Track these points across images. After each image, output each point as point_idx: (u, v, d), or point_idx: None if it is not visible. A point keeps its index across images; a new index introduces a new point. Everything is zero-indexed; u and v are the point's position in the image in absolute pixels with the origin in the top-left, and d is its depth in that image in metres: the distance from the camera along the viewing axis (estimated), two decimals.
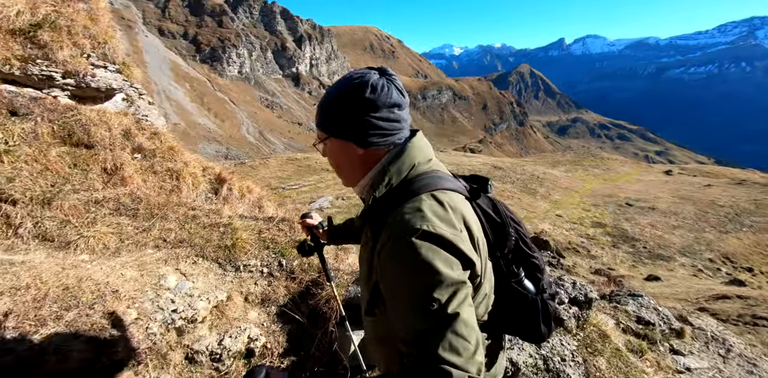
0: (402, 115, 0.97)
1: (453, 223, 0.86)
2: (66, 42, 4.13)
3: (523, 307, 1.02)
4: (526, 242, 1.08)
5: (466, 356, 0.75)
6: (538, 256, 1.11)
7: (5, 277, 1.75)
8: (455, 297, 0.78)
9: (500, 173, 28.87)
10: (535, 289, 1.06)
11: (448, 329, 0.76)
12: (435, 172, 0.97)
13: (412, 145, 0.98)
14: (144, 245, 2.69)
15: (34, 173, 3.22)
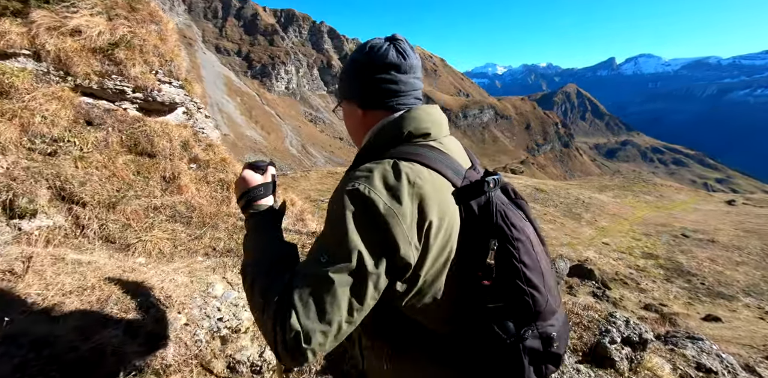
0: (401, 78, 0.93)
1: (399, 196, 0.76)
2: (138, 59, 4.50)
3: (494, 344, 0.82)
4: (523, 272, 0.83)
5: (327, 319, 0.71)
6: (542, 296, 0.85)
7: (74, 276, 1.88)
8: (344, 266, 0.72)
9: (543, 196, 27.93)
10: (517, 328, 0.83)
11: (314, 288, 0.72)
12: (425, 147, 0.89)
13: (409, 114, 0.92)
14: (195, 252, 2.82)
15: (103, 179, 3.49)
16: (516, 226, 0.85)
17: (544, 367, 0.87)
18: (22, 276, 1.76)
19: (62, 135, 3.49)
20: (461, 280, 0.85)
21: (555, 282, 0.93)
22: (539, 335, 0.85)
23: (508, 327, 0.82)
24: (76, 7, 3.92)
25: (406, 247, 0.75)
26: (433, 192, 0.80)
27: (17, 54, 3.60)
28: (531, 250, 0.86)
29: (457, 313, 0.86)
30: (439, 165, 0.86)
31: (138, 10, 4.69)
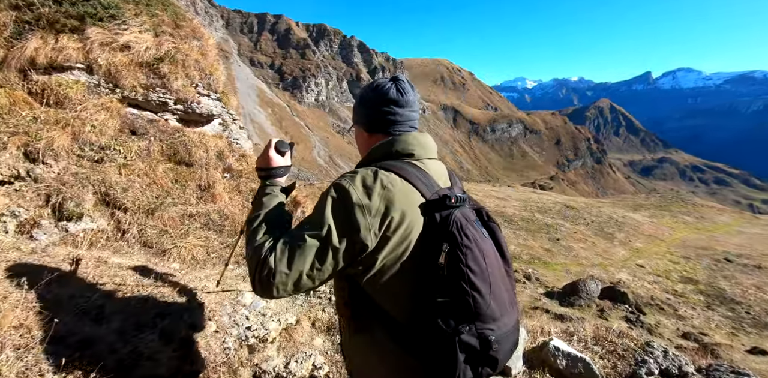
0: (398, 111, 1.18)
1: (370, 194, 1.00)
2: (180, 73, 4.72)
3: (438, 331, 0.97)
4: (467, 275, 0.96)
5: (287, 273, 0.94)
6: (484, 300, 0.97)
7: (115, 279, 1.97)
8: (329, 234, 0.96)
9: (573, 213, 27.08)
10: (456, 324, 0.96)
11: (295, 242, 0.96)
12: (407, 163, 1.12)
13: (400, 138, 1.16)
14: (227, 260, 2.89)
15: (144, 186, 3.66)
16: (468, 236, 0.99)
17: (480, 369, 0.99)
18: (70, 277, 1.85)
19: (109, 143, 3.70)
20: (417, 273, 1.01)
21: (508, 297, 1.07)
22: (477, 335, 0.97)
23: (449, 321, 0.96)
24: (127, 24, 4.18)
25: (365, 232, 0.97)
26: (400, 196, 1.02)
27: (72, 67, 3.87)
28: (480, 259, 1.00)
29: (413, 303, 1.02)
30: (413, 178, 1.07)
31: (182, 27, 4.96)
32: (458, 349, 0.95)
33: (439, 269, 0.98)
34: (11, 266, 1.81)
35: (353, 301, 1.10)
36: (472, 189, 33.97)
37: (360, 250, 0.99)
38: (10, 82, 3.44)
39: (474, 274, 0.97)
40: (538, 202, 28.80)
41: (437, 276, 0.98)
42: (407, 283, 1.02)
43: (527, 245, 20.38)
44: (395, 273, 1.03)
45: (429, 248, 1.01)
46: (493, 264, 1.04)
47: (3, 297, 1.47)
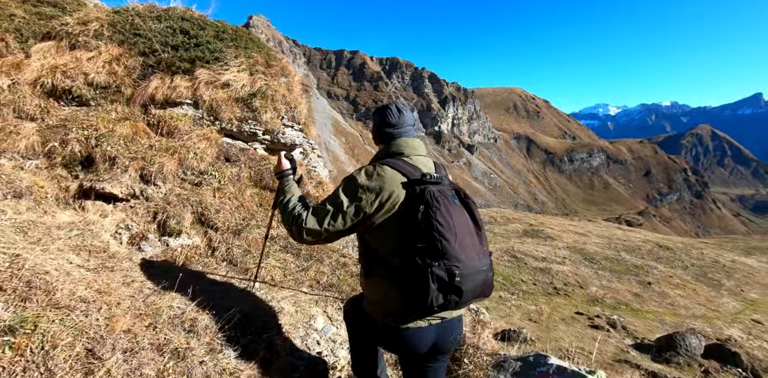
0: (392, 131, 1.74)
1: (370, 178, 1.55)
2: (269, 107, 5.17)
3: (415, 267, 1.41)
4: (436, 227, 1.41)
5: (316, 225, 1.53)
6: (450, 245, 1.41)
7: (206, 295, 2.12)
8: (341, 203, 1.52)
9: (667, 254, 24.01)
10: (430, 258, 1.40)
11: (327, 207, 1.55)
12: (398, 159, 1.65)
13: (394, 142, 1.71)
14: (301, 283, 2.99)
15: (233, 208, 4.00)
16: (438, 201, 1.46)
17: (450, 296, 1.40)
18: (169, 289, 2.04)
19: (207, 169, 4.13)
20: (403, 229, 1.49)
21: (473, 248, 1.50)
22: (445, 269, 1.39)
23: (425, 259, 1.40)
24: (228, 65, 4.75)
25: (365, 203, 1.51)
26: (389, 180, 1.53)
27: (183, 103, 4.46)
28: (448, 217, 1.44)
29: (401, 250, 1.48)
30: (400, 167, 1.59)
31: (273, 66, 5.49)
32: (430, 279, 1.38)
33: (418, 223, 1.44)
34: (125, 275, 2.04)
35: (365, 255, 1.64)
36: (547, 222, 31.86)
37: (362, 214, 1.52)
38: (134, 116, 4.06)
39: (441, 226, 1.41)
40: (625, 240, 26.08)
41: (416, 228, 1.44)
42: (397, 236, 1.51)
43: (612, 288, 18.35)
44: (388, 229, 1.53)
45: (410, 210, 1.48)
46: (461, 223, 1.49)
47: (117, 303, 1.65)
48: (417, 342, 1.57)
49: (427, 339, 1.58)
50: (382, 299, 1.58)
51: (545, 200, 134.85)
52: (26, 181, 2.78)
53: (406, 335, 1.55)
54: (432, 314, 1.52)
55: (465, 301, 1.45)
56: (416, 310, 1.47)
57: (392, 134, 1.73)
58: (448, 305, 1.42)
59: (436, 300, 1.38)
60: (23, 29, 4.20)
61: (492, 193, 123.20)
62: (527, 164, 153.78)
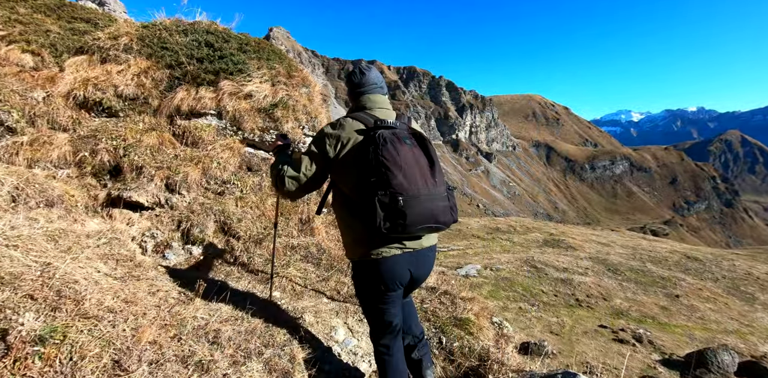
0: (361, 90, 1.99)
1: (335, 128, 1.84)
2: (291, 117, 5.22)
3: (368, 199, 1.67)
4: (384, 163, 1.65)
5: (293, 174, 1.85)
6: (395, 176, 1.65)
7: (229, 304, 2.11)
8: (312, 151, 1.86)
9: (696, 266, 22.99)
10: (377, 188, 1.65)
11: (302, 157, 1.85)
12: (364, 113, 1.90)
13: (360, 99, 1.98)
14: (321, 294, 2.97)
15: (254, 217, 4.03)
16: (387, 141, 1.69)
17: (397, 220, 1.63)
18: (192, 299, 2.04)
19: (230, 178, 4.19)
20: (360, 168, 1.72)
21: (422, 180, 1.72)
22: (389, 196, 1.63)
23: (376, 191, 1.64)
24: (251, 76, 4.84)
25: (329, 148, 1.81)
26: (349, 128, 1.81)
27: (207, 113, 4.55)
28: (395, 154, 1.67)
29: (360, 186, 1.72)
30: (361, 118, 1.85)
31: (294, 77, 5.57)
32: (378, 206, 1.62)
33: (369, 161, 1.68)
34: (151, 284, 2.06)
35: (335, 198, 1.96)
36: (568, 232, 31.10)
37: (328, 158, 1.83)
38: (160, 126, 4.16)
39: (387, 161, 1.65)
40: (650, 251, 25.16)
41: (368, 165, 1.68)
42: (356, 174, 1.75)
43: (637, 300, 17.64)
44: (350, 169, 1.79)
45: (364, 150, 1.73)
46: (408, 158, 1.71)
47: (143, 313, 1.65)
48: (394, 268, 1.79)
49: (403, 267, 1.81)
50: (351, 233, 1.86)
51: (566, 209, 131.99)
52: (58, 190, 2.87)
53: (386, 264, 1.78)
54: (392, 241, 1.77)
55: (416, 226, 1.67)
56: (374, 234, 1.70)
57: (359, 92, 2.00)
58: (397, 228, 1.65)
59: (384, 223, 1.63)
60: (58, 44, 4.39)
61: (511, 202, 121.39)
62: (547, 172, 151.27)
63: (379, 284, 1.81)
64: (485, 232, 26.29)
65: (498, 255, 21.38)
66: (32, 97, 3.97)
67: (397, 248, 1.78)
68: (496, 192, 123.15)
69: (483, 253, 19.60)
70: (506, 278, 17.17)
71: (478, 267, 17.88)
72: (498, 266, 17.60)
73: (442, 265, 17.91)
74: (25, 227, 2.09)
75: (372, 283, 1.83)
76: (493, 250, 22.84)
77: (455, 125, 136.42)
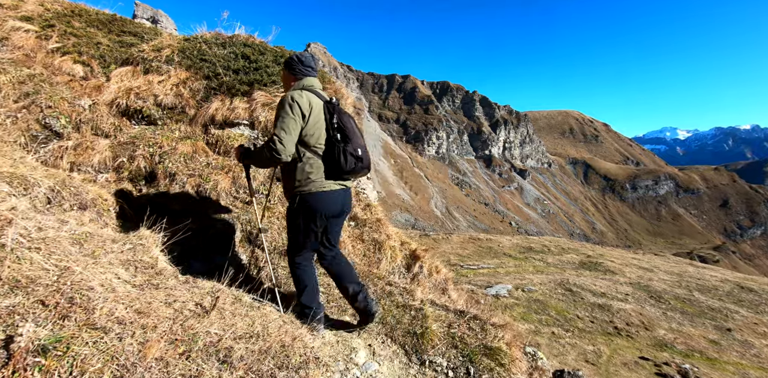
0: (301, 68, 2.62)
1: (297, 99, 2.38)
2: None
3: (336, 148, 2.43)
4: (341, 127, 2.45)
5: (285, 135, 2.34)
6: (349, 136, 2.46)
7: (245, 320, 2.01)
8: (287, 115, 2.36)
9: (751, 297, 21.09)
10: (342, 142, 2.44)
11: (282, 121, 2.36)
12: (312, 89, 2.54)
13: (304, 79, 2.60)
14: (344, 312, 2.83)
15: (280, 228, 3.97)
16: (341, 112, 2.50)
17: (357, 163, 2.45)
18: (208, 312, 1.95)
19: (258, 188, 4.18)
20: (326, 128, 2.46)
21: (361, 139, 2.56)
22: (352, 147, 2.44)
23: (340, 143, 2.43)
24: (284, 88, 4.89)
25: (296, 115, 2.37)
26: (309, 100, 2.43)
27: (240, 123, 4.61)
28: (347, 122, 2.48)
29: (325, 140, 2.46)
30: (315, 93, 2.51)
31: (326, 89, 5.60)
32: (345, 152, 2.40)
33: (332, 124, 2.43)
34: (168, 294, 1.99)
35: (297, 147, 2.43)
36: (606, 254, 29.54)
37: (302, 116, 2.37)
38: (195, 135, 4.24)
39: (345, 127, 2.43)
40: (698, 279, 23.37)
41: (333, 128, 2.42)
42: (322, 133, 2.44)
43: (683, 332, 16.29)
44: (317, 129, 2.43)
45: (329, 117, 2.44)
46: (352, 125, 2.51)
47: (154, 326, 1.57)
48: (335, 199, 2.51)
49: (339, 199, 2.54)
50: (309, 172, 2.45)
51: (604, 230, 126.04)
52: (92, 194, 2.92)
53: (329, 195, 2.47)
54: (342, 179, 2.51)
55: (363, 169, 2.50)
56: (334, 173, 2.46)
57: (302, 72, 2.62)
58: (353, 170, 2.45)
59: (348, 165, 2.41)
60: (107, 55, 4.62)
61: (545, 221, 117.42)
62: (584, 191, 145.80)
63: (321, 210, 2.47)
64: (517, 251, 25.39)
65: (530, 275, 20.50)
66: (79, 104, 4.16)
67: (338, 184, 2.52)
68: (529, 210, 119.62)
69: (515, 273, 18.88)
70: (539, 300, 16.38)
71: (509, 287, 17.18)
72: (530, 287, 16.87)
73: (471, 283, 17.35)
74: (52, 229, 2.09)
75: (315, 210, 2.46)
76: (525, 270, 21.96)
77: (488, 141, 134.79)
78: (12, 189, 2.42)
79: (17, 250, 1.68)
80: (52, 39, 4.59)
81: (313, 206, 2.43)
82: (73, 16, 4.95)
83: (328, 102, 2.49)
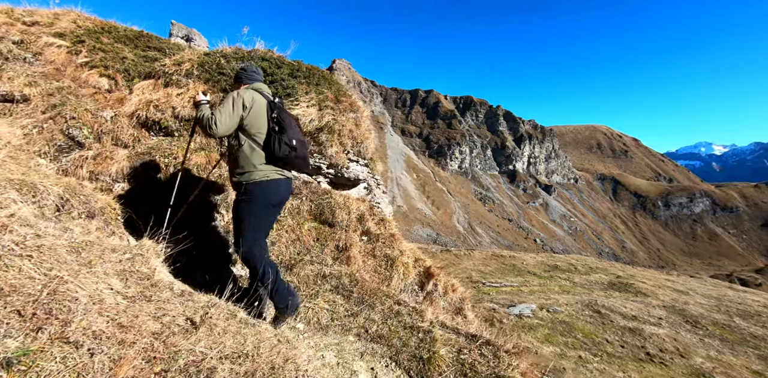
0: (247, 75, 3.15)
1: (243, 96, 2.83)
2: (335, 141, 5.17)
3: (272, 136, 2.78)
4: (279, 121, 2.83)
5: (220, 116, 2.73)
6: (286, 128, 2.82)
7: (236, 338, 1.91)
8: (228, 103, 2.78)
9: None
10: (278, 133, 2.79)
11: (222, 106, 2.78)
12: (258, 90, 3.00)
13: (252, 85, 3.08)
14: (348, 331, 2.69)
15: (289, 241, 3.89)
16: (280, 109, 2.92)
17: (290, 151, 2.81)
18: (197, 328, 1.86)
19: None
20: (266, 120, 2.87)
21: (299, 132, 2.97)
22: (287, 137, 2.82)
23: (278, 133, 2.81)
24: (298, 100, 4.91)
25: (238, 108, 2.79)
26: (252, 97, 2.87)
27: None
28: (285, 117, 2.89)
29: (266, 131, 2.86)
30: (261, 93, 2.97)
31: (342, 102, 5.58)
32: (280, 141, 2.75)
33: (272, 118, 2.81)
34: (159, 307, 1.92)
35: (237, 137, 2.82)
36: (638, 275, 28.08)
37: (242, 109, 2.75)
38: (209, 146, 4.27)
39: (282, 120, 2.82)
40: (739, 303, 21.78)
41: (273, 121, 2.81)
42: (262, 125, 2.81)
43: (723, 361, 15.06)
44: (259, 121, 2.80)
45: (270, 113, 2.83)
46: (291, 120, 2.92)
47: (133, 342, 1.49)
48: (278, 187, 2.80)
49: (282, 188, 2.84)
50: (250, 158, 2.77)
51: (635, 249, 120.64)
52: (101, 202, 2.93)
53: (273, 184, 2.77)
54: (279, 167, 2.82)
55: (297, 161, 2.82)
56: (271, 159, 2.77)
57: (248, 80, 3.12)
58: (287, 157, 2.76)
59: (281, 151, 2.72)
60: (131, 69, 4.77)
61: (572, 238, 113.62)
62: (613, 208, 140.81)
63: (269, 198, 2.77)
64: (542, 269, 24.52)
65: (556, 295, 19.65)
66: (102, 115, 4.27)
67: (280, 174, 2.83)
68: (555, 227, 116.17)
69: (539, 292, 18.10)
70: (565, 322, 15.59)
71: (534, 307, 16.48)
72: (556, 308, 16.11)
73: (493, 301, 16.76)
74: (52, 237, 2.07)
75: (261, 198, 2.73)
76: (550, 289, 21.11)
77: (512, 155, 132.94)
78: (20, 196, 2.43)
79: (5, 257, 1.64)
80: (82, 54, 4.78)
81: (259, 195, 2.72)
82: (102, 32, 5.17)
83: (271, 101, 2.91)
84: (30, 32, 4.87)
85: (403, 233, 28.04)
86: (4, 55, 4.66)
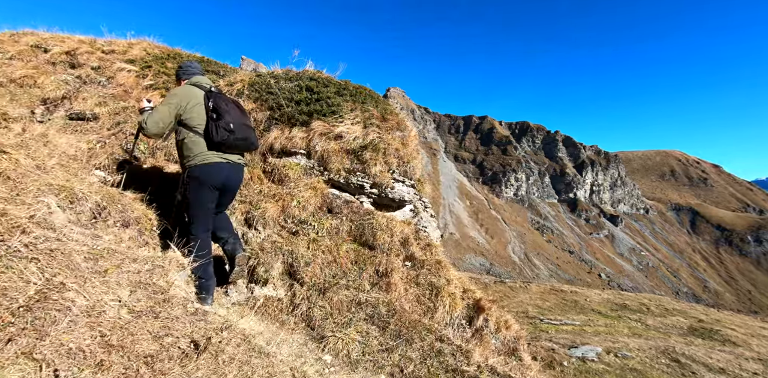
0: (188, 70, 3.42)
1: (180, 92, 3.09)
2: (380, 160, 4.92)
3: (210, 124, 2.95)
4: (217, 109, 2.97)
5: (152, 119, 2.98)
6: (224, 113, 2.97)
7: (242, 369, 1.66)
8: (166, 107, 3.01)
9: None
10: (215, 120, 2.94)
11: (155, 113, 3.01)
12: (196, 83, 3.22)
13: (190, 79, 3.29)
14: (380, 368, 2.34)
15: (325, 263, 3.65)
16: (217, 97, 3.08)
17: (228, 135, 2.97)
18: (201, 353, 1.63)
19: (307, 218, 3.97)
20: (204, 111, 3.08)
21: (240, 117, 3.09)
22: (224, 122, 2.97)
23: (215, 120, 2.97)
24: (343, 118, 4.80)
25: (178, 105, 3.04)
26: (189, 91, 3.14)
27: (297, 152, 4.55)
28: (222, 104, 3.03)
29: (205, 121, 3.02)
30: (198, 86, 3.21)
31: (388, 120, 5.38)
32: (217, 126, 2.93)
33: (208, 107, 3.01)
34: (165, 325, 1.73)
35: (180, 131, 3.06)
36: (725, 320, 24.30)
37: (177, 107, 3.00)
38: (254, 162, 4.24)
39: (220, 107, 3.00)
40: None
41: (209, 110, 3.00)
42: (201, 116, 3.01)
43: None
44: (197, 113, 3.02)
45: (206, 102, 3.04)
46: (230, 106, 3.08)
47: (111, 365, 1.27)
48: (218, 171, 2.96)
49: (223, 171, 3.00)
50: (192, 147, 2.96)
51: (720, 290, 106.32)
52: (137, 212, 2.91)
53: (213, 166, 2.94)
54: (222, 150, 3.00)
55: (237, 142, 3.01)
56: (211, 145, 2.95)
57: (186, 75, 3.32)
58: (227, 140, 2.94)
59: (219, 136, 2.91)
60: None
61: (642, 275, 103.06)
62: (692, 242, 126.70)
63: (206, 180, 2.91)
64: (609, 308, 22.15)
65: (625, 338, 17.44)
66: None
67: (221, 158, 2.97)
68: (623, 261, 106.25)
69: (605, 334, 16.17)
70: (636, 370, 13.66)
71: (599, 350, 14.67)
72: (625, 353, 14.22)
73: (552, 340, 15.22)
74: (72, 242, 1.99)
75: (201, 179, 2.90)
76: (618, 331, 18.84)
77: (573, 183, 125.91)
78: (58, 200, 2.43)
79: (6, 258, 1.54)
80: (148, 77, 5.12)
81: (199, 177, 2.89)
82: (168, 58, 5.55)
83: (208, 91, 3.07)
84: (106, 59, 5.32)
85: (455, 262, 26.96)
86: (82, 79, 5.10)
